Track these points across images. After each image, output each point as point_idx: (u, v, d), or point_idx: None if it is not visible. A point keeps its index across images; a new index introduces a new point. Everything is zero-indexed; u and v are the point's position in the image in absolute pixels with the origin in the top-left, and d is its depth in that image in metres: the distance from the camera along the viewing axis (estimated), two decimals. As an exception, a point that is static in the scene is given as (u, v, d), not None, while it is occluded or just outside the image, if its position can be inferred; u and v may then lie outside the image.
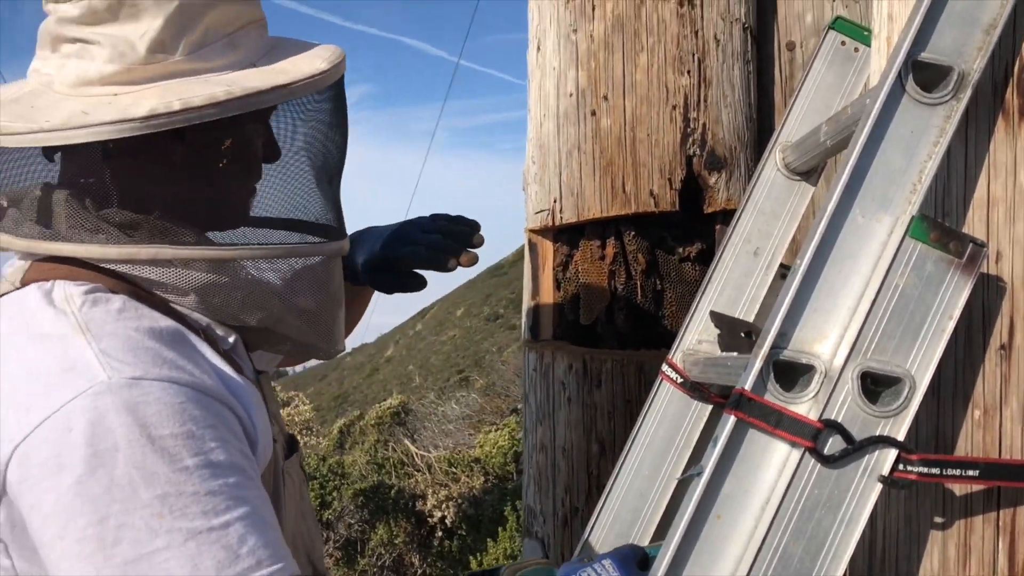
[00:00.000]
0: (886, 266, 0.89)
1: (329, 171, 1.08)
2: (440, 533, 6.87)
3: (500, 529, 6.33)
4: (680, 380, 1.28)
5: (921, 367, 0.87)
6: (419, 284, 1.35)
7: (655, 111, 1.58)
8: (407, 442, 8.14)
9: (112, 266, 0.91)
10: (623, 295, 1.64)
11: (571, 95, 1.64)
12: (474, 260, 1.31)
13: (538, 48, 1.75)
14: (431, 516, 6.84)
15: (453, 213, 1.39)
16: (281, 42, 1.03)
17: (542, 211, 1.70)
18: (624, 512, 1.29)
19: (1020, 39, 0.92)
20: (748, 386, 0.87)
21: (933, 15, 0.91)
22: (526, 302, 1.80)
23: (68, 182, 0.93)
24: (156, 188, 0.94)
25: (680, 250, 1.66)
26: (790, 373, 0.89)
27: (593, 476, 1.60)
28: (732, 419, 0.87)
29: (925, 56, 0.91)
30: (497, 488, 6.90)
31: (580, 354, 1.62)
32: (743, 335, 1.08)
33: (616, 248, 1.63)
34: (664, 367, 1.30)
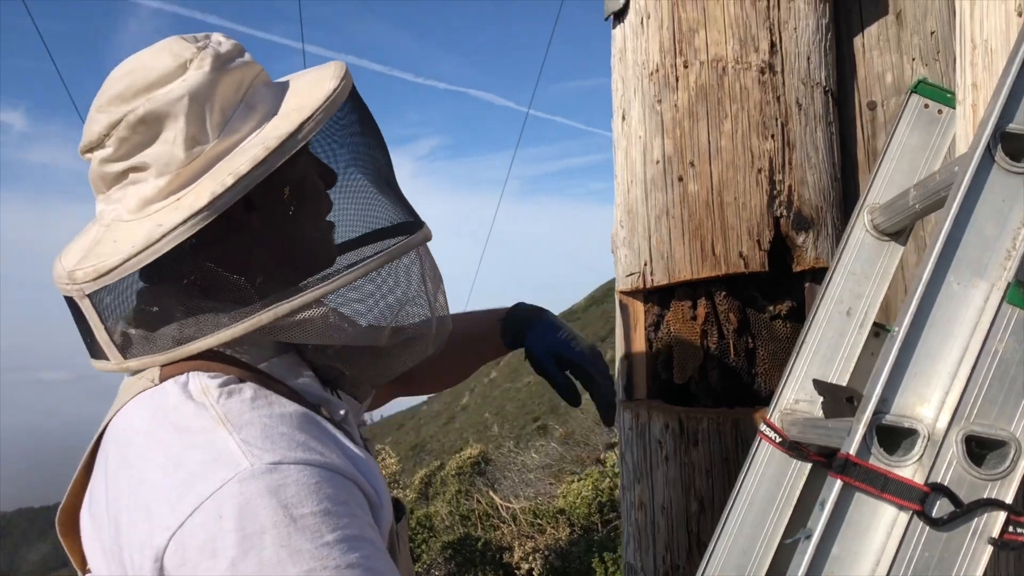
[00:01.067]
0: (984, 331, 0.91)
1: (382, 171, 1.14)
2: (527, 586, 6.84)
3: (587, 581, 6.27)
4: (779, 440, 1.31)
5: (1026, 430, 0.89)
6: (577, 400, 1.50)
7: (741, 175, 1.63)
8: (491, 493, 8.15)
9: (245, 343, 0.99)
10: (716, 354, 1.67)
11: (658, 162, 1.70)
12: None
13: (623, 118, 1.81)
14: (518, 568, 6.81)
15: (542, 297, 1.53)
16: (288, 81, 1.09)
17: (632, 274, 1.76)
18: (728, 570, 1.31)
19: (1107, 108, 0.95)
20: (853, 451, 0.90)
21: (1019, 87, 0.95)
22: (618, 362, 1.84)
23: (175, 288, 1.00)
24: (250, 259, 1.02)
25: (771, 308, 1.69)
26: (893, 437, 0.92)
27: (693, 534, 1.62)
28: (839, 483, 0.90)
29: (1013, 127, 0.94)
30: (583, 539, 6.85)
31: (676, 413, 1.65)
32: (846, 401, 1.11)
33: (707, 308, 1.67)
34: (762, 427, 1.33)
